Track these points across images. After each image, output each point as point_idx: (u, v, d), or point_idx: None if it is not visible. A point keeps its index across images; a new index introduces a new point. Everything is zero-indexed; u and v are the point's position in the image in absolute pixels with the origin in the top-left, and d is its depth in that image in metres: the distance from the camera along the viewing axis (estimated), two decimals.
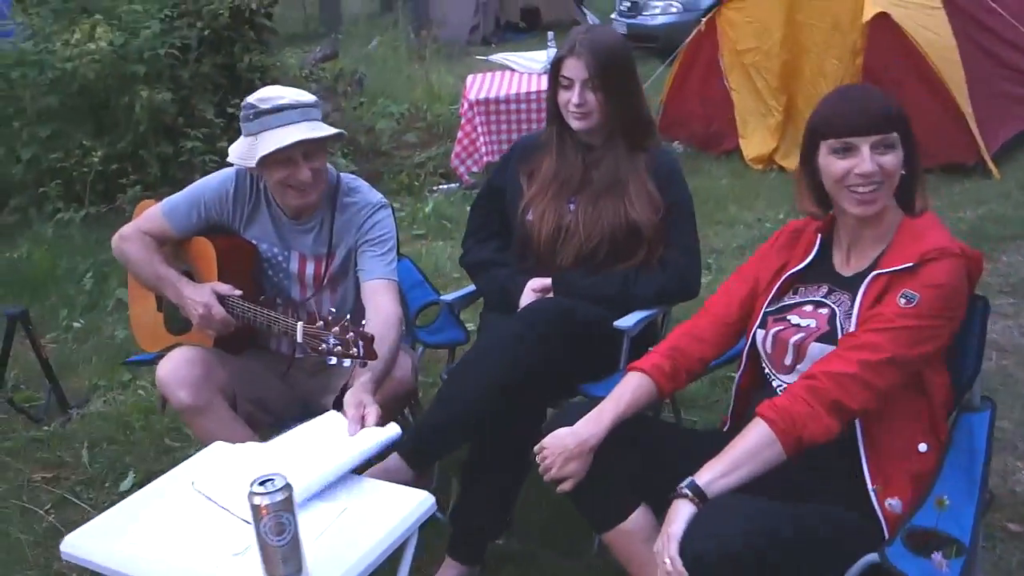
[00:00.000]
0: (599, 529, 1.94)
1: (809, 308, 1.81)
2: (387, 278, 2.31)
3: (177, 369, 2.23)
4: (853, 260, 1.82)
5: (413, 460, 2.05)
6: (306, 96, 2.25)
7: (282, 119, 2.18)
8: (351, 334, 1.94)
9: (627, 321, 2.27)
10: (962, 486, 1.68)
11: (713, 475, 1.61)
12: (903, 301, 1.65)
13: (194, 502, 1.79)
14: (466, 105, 5.60)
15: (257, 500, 1.47)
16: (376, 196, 2.42)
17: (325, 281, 2.39)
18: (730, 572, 1.49)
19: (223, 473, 1.86)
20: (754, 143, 5.80)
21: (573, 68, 2.28)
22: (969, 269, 1.70)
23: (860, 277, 1.76)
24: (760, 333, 1.86)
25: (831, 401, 1.62)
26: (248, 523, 1.52)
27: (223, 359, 2.33)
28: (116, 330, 3.83)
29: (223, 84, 5.69)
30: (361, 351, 1.95)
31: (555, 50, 5.01)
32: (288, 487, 1.49)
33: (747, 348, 1.90)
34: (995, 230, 4.27)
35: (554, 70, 2.34)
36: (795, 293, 1.86)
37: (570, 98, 2.30)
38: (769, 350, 1.83)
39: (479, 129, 5.49)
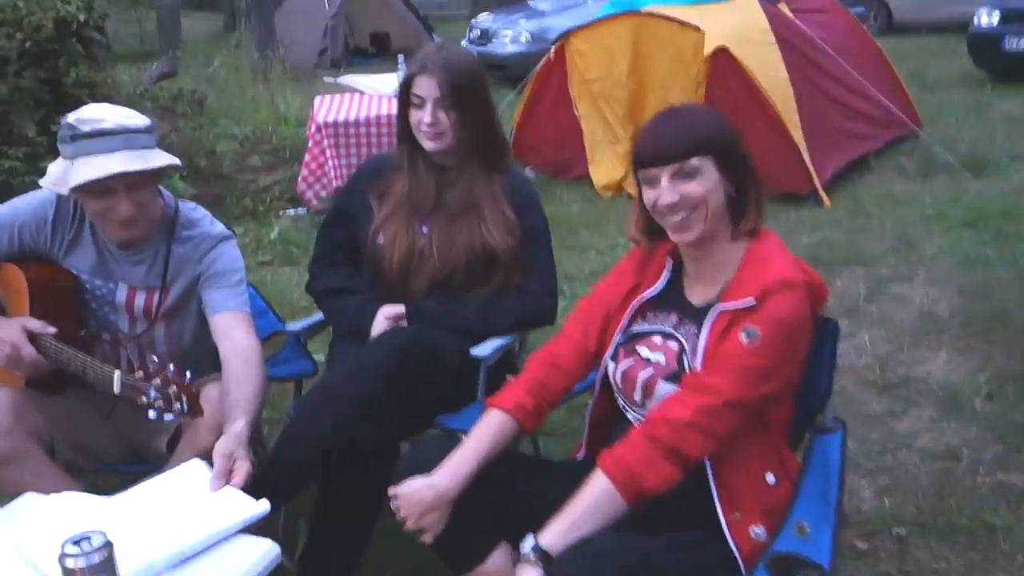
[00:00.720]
0: (458, 572, 1.83)
1: (659, 340, 1.75)
2: (239, 310, 2.14)
3: None
4: (700, 288, 1.76)
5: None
6: (135, 119, 2.03)
7: (101, 145, 1.96)
8: (173, 388, 1.76)
9: (484, 349, 2.19)
10: (818, 509, 1.68)
11: (556, 535, 1.54)
12: (745, 338, 1.60)
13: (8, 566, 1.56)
14: (314, 128, 5.42)
15: (70, 563, 1.29)
16: (218, 228, 2.23)
17: (157, 315, 2.19)
18: None
19: (40, 530, 1.62)
20: (603, 170, 5.89)
21: (425, 86, 2.20)
22: (813, 297, 1.68)
23: (706, 309, 1.70)
24: (611, 366, 1.81)
25: (668, 449, 1.58)
26: None
27: (37, 400, 2.09)
28: None
29: (47, 100, 5.28)
30: (185, 406, 1.77)
31: (404, 72, 4.92)
32: (108, 545, 1.32)
33: (599, 377, 1.85)
34: (828, 255, 4.47)
35: (404, 88, 2.25)
36: (644, 319, 1.80)
37: (422, 117, 2.21)
38: (620, 384, 1.79)
39: (328, 152, 5.32)
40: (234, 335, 2.08)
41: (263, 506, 1.69)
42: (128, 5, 10.06)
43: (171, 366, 1.78)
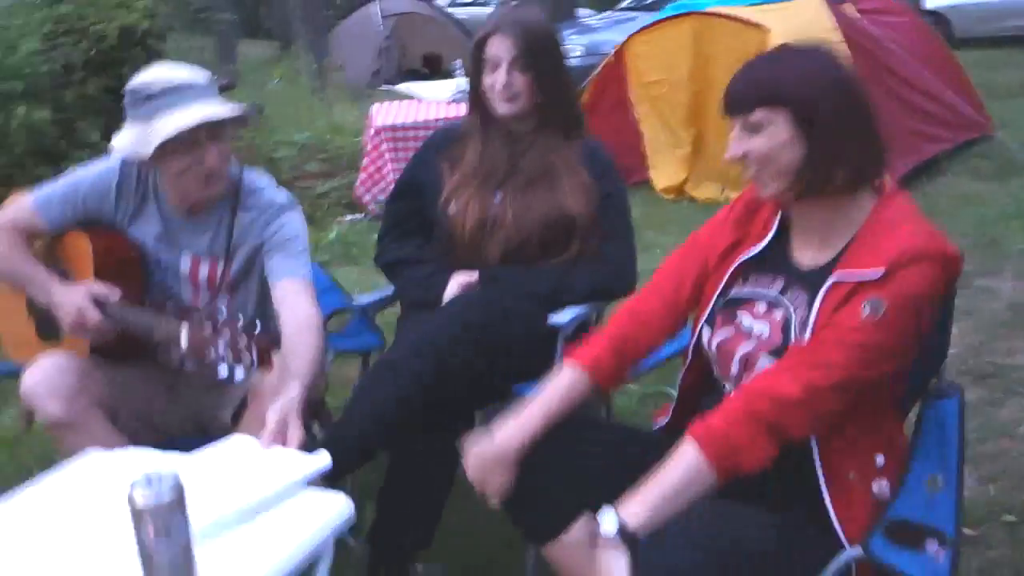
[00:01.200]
0: (538, 542, 1.72)
1: (762, 308, 1.58)
2: (301, 278, 2.06)
3: (47, 378, 1.93)
4: (811, 249, 1.58)
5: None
6: (199, 75, 2.00)
7: (178, 99, 1.92)
8: (243, 339, 1.68)
9: (561, 318, 2.08)
10: (939, 477, 1.54)
11: (642, 513, 1.39)
12: (867, 310, 1.42)
13: (63, 517, 1.49)
14: (371, 132, 5.40)
15: (139, 501, 1.20)
16: (283, 195, 2.17)
17: (221, 286, 2.13)
18: None
19: (101, 484, 1.55)
20: (664, 174, 5.77)
21: (498, 47, 2.12)
22: (947, 273, 1.48)
23: (819, 275, 1.53)
24: (707, 332, 1.65)
25: (771, 427, 1.42)
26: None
27: (101, 369, 2.04)
28: None
29: (111, 107, 5.35)
30: (255, 359, 1.69)
31: (464, 79, 4.89)
32: (179, 486, 1.23)
33: (692, 343, 1.71)
34: None
35: (476, 51, 2.17)
36: (745, 282, 1.64)
37: (496, 79, 2.13)
38: (715, 355, 1.63)
39: (386, 156, 5.29)
40: (296, 302, 2.00)
41: (324, 460, 1.60)
42: (187, 27, 10.23)
43: (240, 316, 1.71)
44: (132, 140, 1.96)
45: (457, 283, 2.14)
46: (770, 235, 1.63)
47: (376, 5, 12.95)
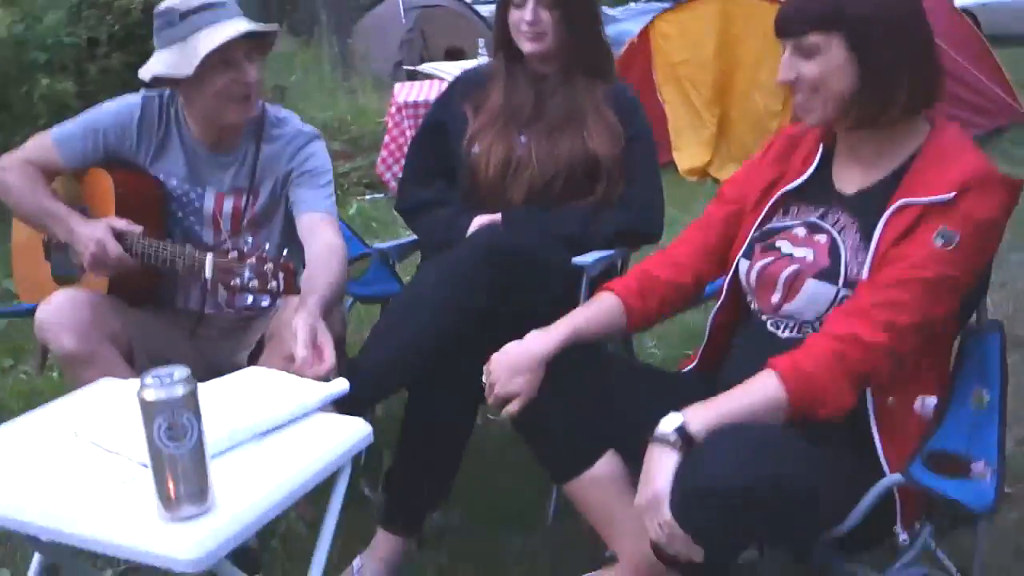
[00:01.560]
0: (562, 478, 1.67)
1: (802, 232, 1.52)
2: (325, 211, 2.04)
3: (60, 310, 1.89)
4: (856, 175, 1.52)
5: (344, 407, 1.74)
6: None
7: (214, 16, 1.90)
8: (269, 265, 1.64)
9: (586, 259, 2.02)
10: (983, 392, 1.48)
11: (705, 422, 1.32)
12: (940, 242, 1.35)
13: (73, 445, 1.44)
14: (394, 109, 5.36)
15: (149, 394, 1.16)
16: (308, 126, 2.15)
17: (245, 222, 2.09)
18: (726, 522, 1.25)
19: (115, 417, 1.50)
20: (688, 155, 5.70)
21: None
22: (1011, 199, 1.42)
23: (869, 199, 1.47)
24: (744, 264, 1.59)
25: (860, 375, 1.36)
26: (145, 466, 1.20)
27: (118, 307, 2.01)
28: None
29: (133, 82, 5.34)
30: (280, 285, 1.64)
31: (487, 58, 4.82)
32: (191, 380, 1.19)
33: (728, 279, 1.64)
34: None
35: None
36: (786, 214, 1.58)
37: (522, 16, 2.08)
38: (754, 285, 1.56)
39: (407, 133, 5.24)
40: (321, 234, 1.97)
41: (341, 384, 1.56)
42: None
43: (266, 244, 1.67)
44: (168, 61, 1.93)
45: (479, 223, 2.09)
46: (812, 167, 1.57)
47: None
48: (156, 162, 2.09)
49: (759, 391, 1.36)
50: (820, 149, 1.57)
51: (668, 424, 1.33)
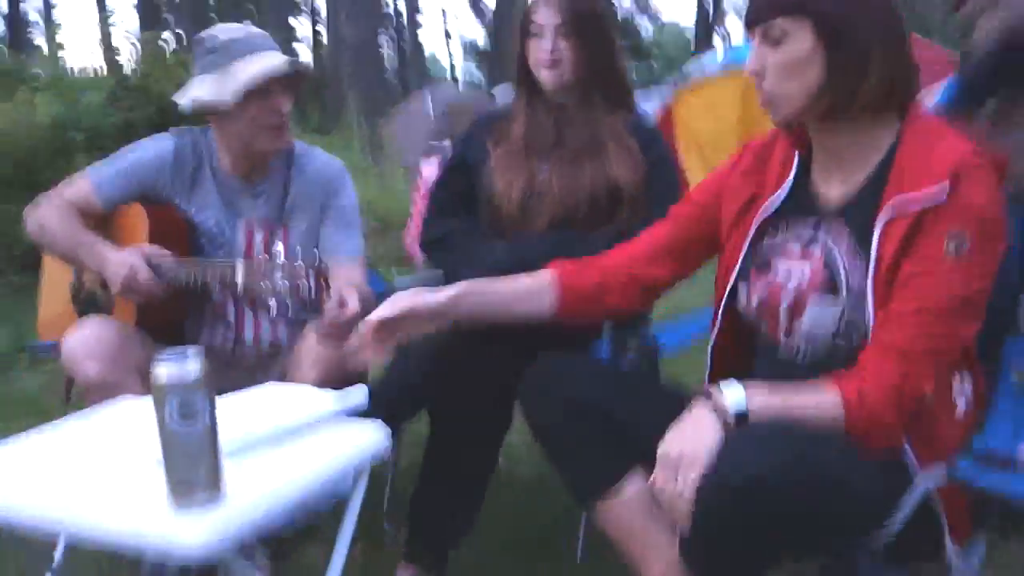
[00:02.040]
0: (585, 499, 1.61)
1: (796, 248, 1.46)
2: (353, 255, 2.10)
3: (87, 339, 1.90)
4: (838, 180, 1.45)
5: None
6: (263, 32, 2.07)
7: (252, 46, 1.97)
8: (300, 264, 1.65)
9: None
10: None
11: (765, 408, 1.28)
12: (952, 247, 1.28)
13: (90, 452, 1.42)
14: (421, 182, 5.42)
15: (160, 374, 1.14)
16: (336, 161, 2.21)
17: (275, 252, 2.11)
18: (750, 517, 1.19)
19: (131, 427, 1.48)
20: None
21: (544, 14, 2.10)
22: (1001, 176, 1.36)
23: (857, 202, 1.41)
24: (743, 288, 1.52)
25: (911, 413, 1.31)
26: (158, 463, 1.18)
27: (144, 340, 2.00)
28: (27, 380, 3.42)
29: None
30: (312, 288, 1.65)
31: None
32: (204, 360, 1.16)
33: (723, 304, 1.56)
34: None
35: (523, 21, 2.16)
36: (776, 231, 1.51)
37: (540, 47, 2.11)
38: (756, 314, 1.50)
39: None
40: (347, 277, 1.98)
41: (359, 393, 1.53)
42: None
43: (298, 248, 1.68)
44: (208, 88, 1.97)
45: None
46: (790, 180, 1.49)
47: (428, 92, 13.33)
48: (190, 197, 2.12)
49: (821, 405, 1.30)
50: (795, 160, 1.50)
51: (731, 398, 1.28)
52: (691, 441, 1.26)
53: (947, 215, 1.29)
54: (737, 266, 1.53)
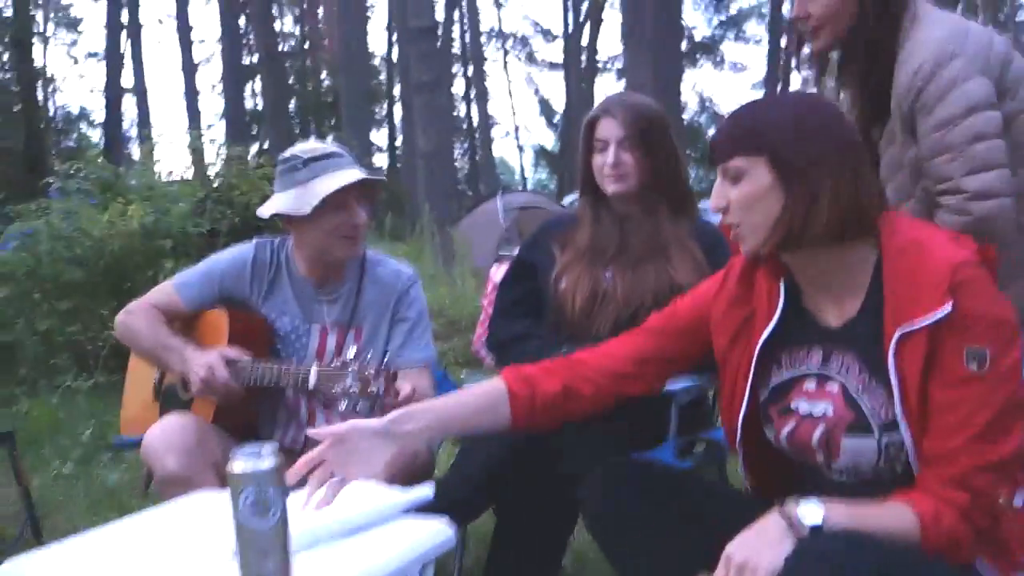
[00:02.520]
0: None
1: (812, 386, 1.45)
2: (421, 361, 2.17)
3: (167, 434, 1.99)
4: (834, 306, 1.45)
5: None
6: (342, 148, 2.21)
7: (333, 164, 2.11)
8: (371, 371, 1.72)
9: (675, 384, 2.01)
10: None
11: (839, 518, 1.26)
12: (975, 365, 1.28)
13: (165, 545, 1.47)
14: (490, 287, 5.52)
15: (237, 465, 1.20)
16: (408, 268, 2.31)
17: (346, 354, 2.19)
18: None
19: (205, 520, 1.54)
20: None
21: (607, 128, 2.19)
22: (990, 264, 1.37)
23: (858, 330, 1.41)
24: (769, 433, 1.52)
25: (982, 530, 1.31)
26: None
27: (221, 436, 2.08)
28: (110, 475, 3.53)
29: None
30: (381, 389, 1.72)
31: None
32: (279, 456, 1.22)
33: (739, 439, 1.55)
34: None
35: (587, 132, 2.25)
36: (780, 365, 1.50)
37: (605, 160, 2.19)
38: (789, 450, 1.49)
39: None
40: (415, 384, 2.03)
41: (426, 490, 1.55)
42: None
43: (369, 353, 1.75)
44: (288, 202, 2.10)
45: None
46: (780, 304, 1.49)
47: (500, 199, 13.65)
48: (267, 301, 2.23)
49: (898, 522, 1.28)
50: (782, 283, 1.49)
51: (808, 514, 1.26)
52: (758, 551, 1.25)
53: (959, 333, 1.29)
54: (744, 398, 1.52)
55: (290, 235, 2.23)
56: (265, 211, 2.14)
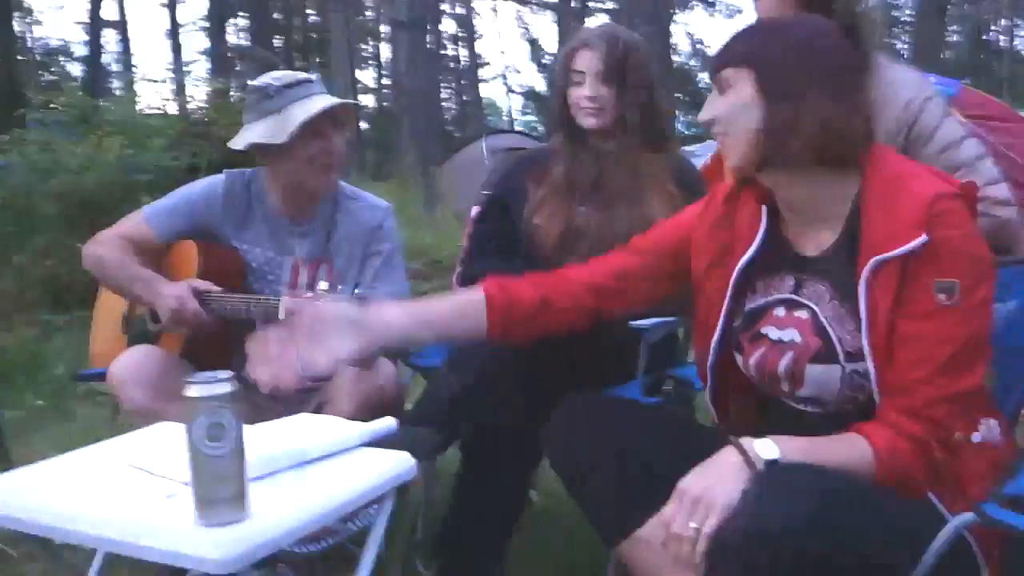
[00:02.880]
0: (612, 538, 1.60)
1: (782, 312, 1.45)
2: (396, 296, 2.10)
3: (133, 365, 1.97)
4: (812, 232, 1.45)
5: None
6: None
7: (306, 90, 2.06)
8: (341, 293, 1.70)
9: (645, 323, 2.00)
10: None
11: (793, 453, 1.28)
12: (943, 296, 1.29)
13: (126, 471, 1.46)
14: (470, 226, 5.49)
15: (192, 391, 1.18)
16: (382, 202, 2.27)
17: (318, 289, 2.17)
18: (793, 553, 1.17)
19: (167, 449, 1.53)
20: None
21: (585, 60, 2.14)
22: (971, 204, 1.36)
23: (833, 258, 1.40)
24: (739, 360, 1.53)
25: (939, 463, 1.32)
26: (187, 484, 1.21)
27: (188, 370, 2.06)
28: (82, 409, 3.52)
29: None
30: None
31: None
32: (234, 382, 1.20)
33: (711, 362, 1.55)
34: None
35: (564, 65, 2.20)
36: (755, 291, 1.51)
37: (582, 93, 2.15)
38: (756, 377, 1.50)
39: None
40: None
41: (387, 424, 1.55)
42: None
43: (339, 285, 1.73)
44: (263, 131, 2.05)
45: None
46: (761, 231, 1.48)
47: (485, 140, 13.52)
48: (240, 233, 2.19)
49: (853, 456, 1.29)
50: (764, 210, 1.49)
51: (763, 450, 1.27)
52: (713, 485, 1.26)
53: (930, 264, 1.29)
54: (719, 323, 1.52)
55: (262, 168, 2.19)
56: (239, 142, 2.10)
